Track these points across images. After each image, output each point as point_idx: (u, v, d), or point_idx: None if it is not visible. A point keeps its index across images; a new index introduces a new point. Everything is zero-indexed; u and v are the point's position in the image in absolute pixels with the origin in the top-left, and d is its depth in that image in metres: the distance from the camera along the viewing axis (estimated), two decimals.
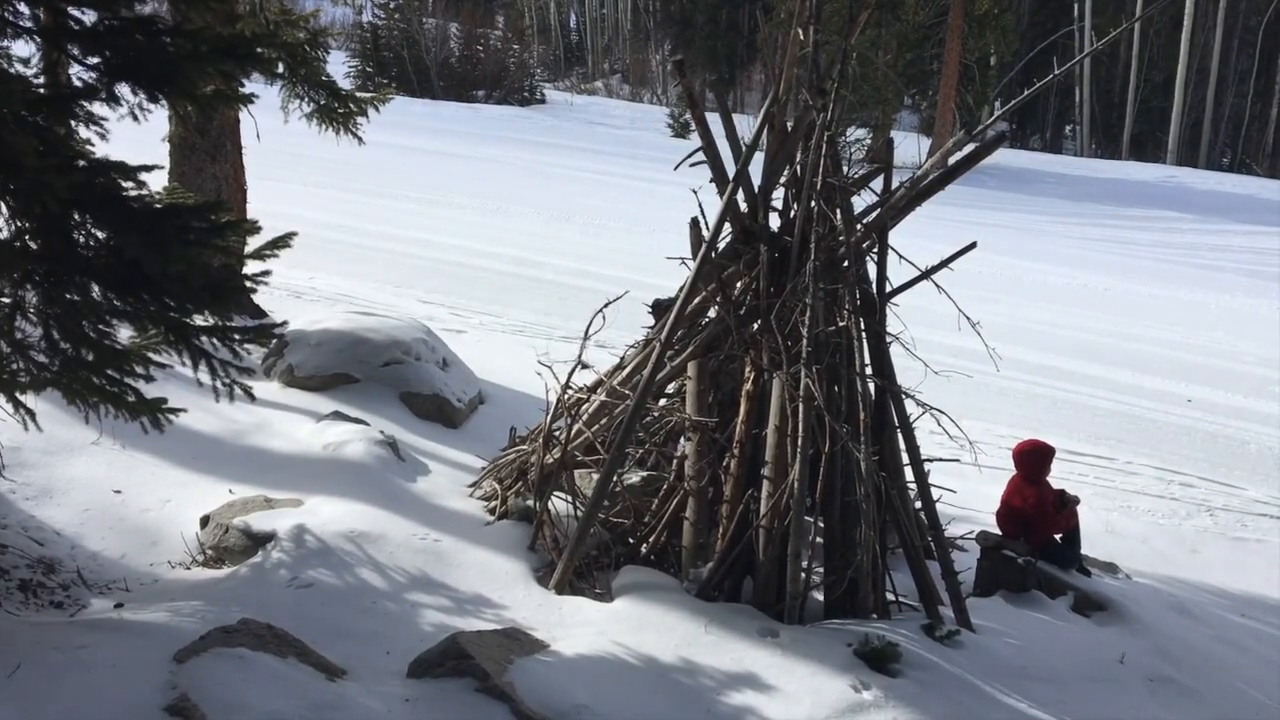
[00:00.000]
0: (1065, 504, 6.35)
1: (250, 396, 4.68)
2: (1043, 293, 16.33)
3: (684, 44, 44.50)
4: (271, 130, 9.29)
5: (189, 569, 5.33)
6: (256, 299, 9.45)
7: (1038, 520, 6.24)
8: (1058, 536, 6.35)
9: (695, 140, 5.77)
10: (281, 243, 4.75)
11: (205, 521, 5.53)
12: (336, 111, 9.13)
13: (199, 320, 4.60)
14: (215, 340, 4.66)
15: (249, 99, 4.79)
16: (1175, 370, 12.42)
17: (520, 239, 16.24)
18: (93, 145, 4.94)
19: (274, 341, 7.88)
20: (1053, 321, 14.39)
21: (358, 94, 9.34)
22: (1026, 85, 43.97)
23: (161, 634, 4.19)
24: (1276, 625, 6.60)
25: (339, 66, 36.35)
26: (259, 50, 4.40)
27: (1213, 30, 38.97)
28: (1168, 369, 12.45)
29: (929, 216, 5.84)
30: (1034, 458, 6.32)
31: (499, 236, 16.25)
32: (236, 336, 4.52)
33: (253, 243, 6.04)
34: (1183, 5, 36.66)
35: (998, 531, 6.43)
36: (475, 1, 45.14)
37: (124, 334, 4.68)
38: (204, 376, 4.63)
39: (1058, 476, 8.87)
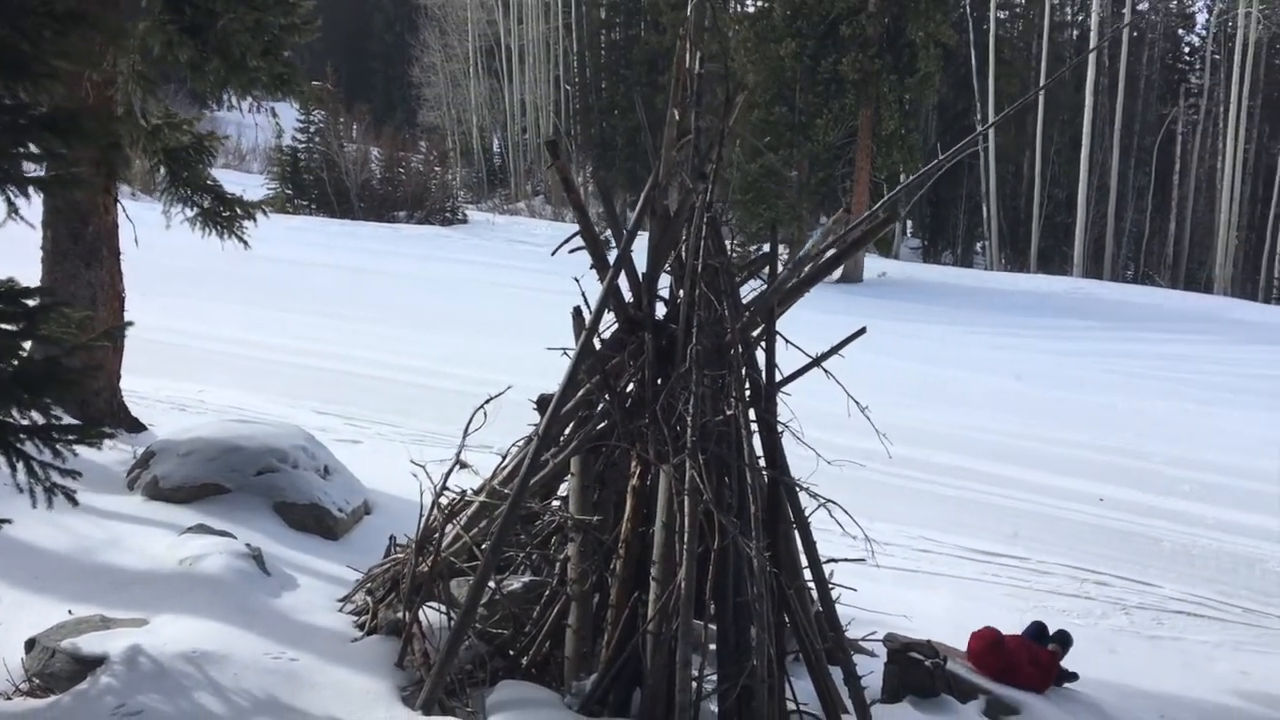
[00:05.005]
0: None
1: (73, 501, 4.23)
2: (956, 398, 16.35)
3: (605, 165, 45.28)
4: (173, 248, 8.93)
5: (9, 699, 4.74)
6: (135, 411, 9.01)
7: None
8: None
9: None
10: (112, 335, 4.37)
11: (31, 645, 4.95)
12: (221, 215, 8.85)
13: (17, 418, 4.19)
14: (38, 441, 4.25)
15: (83, 183, 4.46)
16: (1087, 470, 12.36)
17: (431, 351, 15.88)
18: None
19: (140, 451, 7.38)
20: (965, 424, 14.35)
21: (244, 199, 9.08)
22: (935, 200, 45.36)
23: None
24: None
25: (258, 190, 36.15)
26: (85, 125, 4.13)
27: (1110, 150, 40.76)
28: (1079, 469, 12.39)
29: (845, 326, 5.57)
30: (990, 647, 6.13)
31: (409, 349, 15.87)
32: (56, 435, 4.10)
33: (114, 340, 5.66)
34: (1080, 125, 38.32)
35: (905, 635, 6.12)
36: (397, 127, 45.54)
37: None
38: (23, 478, 4.20)
39: (970, 577, 8.66)
